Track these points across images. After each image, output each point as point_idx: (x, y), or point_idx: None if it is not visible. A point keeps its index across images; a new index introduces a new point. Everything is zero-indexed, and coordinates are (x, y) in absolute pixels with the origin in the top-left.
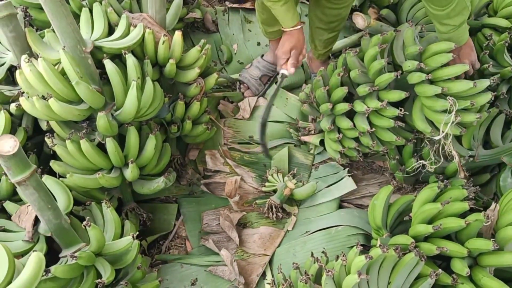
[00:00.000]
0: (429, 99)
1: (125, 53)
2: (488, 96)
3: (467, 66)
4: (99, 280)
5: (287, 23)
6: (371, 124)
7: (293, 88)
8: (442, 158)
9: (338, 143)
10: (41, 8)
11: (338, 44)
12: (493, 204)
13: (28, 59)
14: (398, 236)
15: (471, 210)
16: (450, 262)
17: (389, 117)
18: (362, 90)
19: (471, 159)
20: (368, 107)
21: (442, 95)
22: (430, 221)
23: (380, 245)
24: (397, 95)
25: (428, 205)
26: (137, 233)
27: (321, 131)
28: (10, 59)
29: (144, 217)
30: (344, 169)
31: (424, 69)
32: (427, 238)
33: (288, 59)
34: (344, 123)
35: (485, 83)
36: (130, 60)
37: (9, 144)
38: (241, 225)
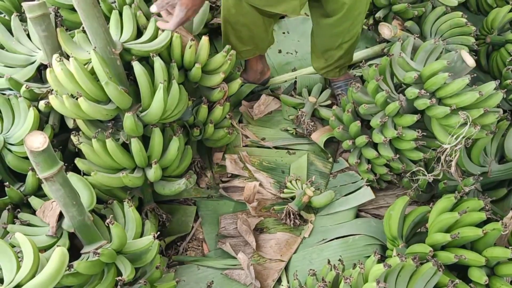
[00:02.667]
0: (443, 119)
1: (153, 56)
2: (499, 96)
3: (467, 80)
4: (120, 278)
5: None
6: (396, 149)
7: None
8: (451, 170)
9: (370, 172)
10: (72, 9)
11: (360, 54)
12: (510, 212)
13: (60, 58)
14: (416, 245)
15: (486, 222)
16: (468, 272)
17: (409, 140)
18: (374, 123)
19: (481, 178)
20: (385, 137)
21: (454, 111)
22: (447, 231)
23: (398, 254)
24: (410, 119)
25: (446, 214)
26: (158, 233)
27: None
28: (40, 58)
29: (163, 217)
30: (362, 179)
31: (425, 95)
32: (444, 248)
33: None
34: (369, 153)
35: (491, 86)
36: (158, 62)
37: (39, 140)
38: (258, 230)
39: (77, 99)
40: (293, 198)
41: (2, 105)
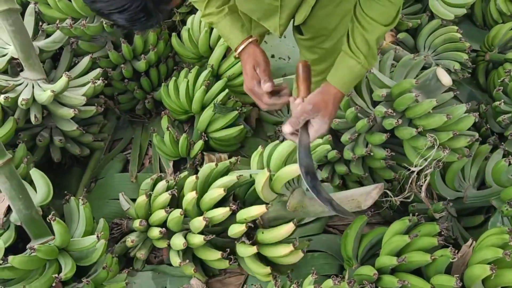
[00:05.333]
0: (411, 140)
1: None
2: (471, 119)
3: (434, 101)
4: (56, 275)
5: (237, 38)
6: (368, 166)
7: None
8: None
9: (343, 188)
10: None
11: None
12: (470, 240)
13: None
14: (363, 267)
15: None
16: None
17: (379, 159)
18: (344, 139)
19: (450, 204)
20: (354, 154)
21: (422, 133)
22: (398, 254)
23: (332, 277)
24: (379, 137)
25: (396, 237)
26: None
27: None
28: (11, 51)
29: None
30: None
31: (391, 114)
32: (394, 272)
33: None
34: (341, 169)
35: (461, 109)
36: None
37: None
38: None
39: None
40: None
41: None
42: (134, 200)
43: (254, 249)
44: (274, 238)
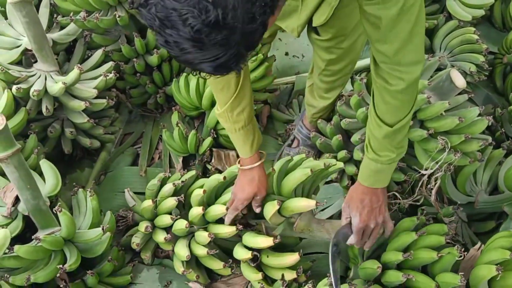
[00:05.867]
0: (421, 142)
1: None
2: (484, 123)
3: (446, 103)
4: (60, 266)
5: (246, 154)
6: None
7: None
8: (432, 197)
9: None
10: None
11: (361, 63)
12: (478, 244)
13: None
14: (368, 261)
15: None
16: None
17: None
18: (354, 139)
19: (461, 208)
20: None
21: (433, 135)
22: (404, 251)
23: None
24: None
25: (404, 233)
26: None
27: None
28: (25, 43)
29: None
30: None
31: None
32: (400, 268)
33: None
34: (350, 169)
35: (474, 112)
36: None
37: None
38: None
39: None
40: None
41: None
42: (142, 194)
43: (259, 276)
44: (279, 265)
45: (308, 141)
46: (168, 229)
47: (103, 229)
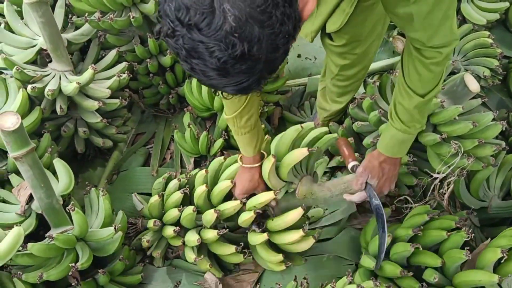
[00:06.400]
0: (434, 146)
1: None
2: (498, 128)
3: (460, 108)
4: (72, 265)
5: (248, 154)
6: None
7: None
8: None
9: None
10: None
11: (374, 65)
12: (488, 239)
13: None
14: (386, 263)
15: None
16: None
17: (401, 164)
18: (366, 142)
19: (474, 213)
20: None
21: (446, 140)
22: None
23: (372, 278)
24: None
25: (416, 216)
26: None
27: None
28: (41, 42)
29: None
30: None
31: None
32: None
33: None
34: None
35: (488, 117)
36: None
37: (11, 121)
38: None
39: None
40: None
41: None
42: None
43: (264, 236)
44: (284, 224)
45: None
46: (176, 223)
47: (115, 228)
